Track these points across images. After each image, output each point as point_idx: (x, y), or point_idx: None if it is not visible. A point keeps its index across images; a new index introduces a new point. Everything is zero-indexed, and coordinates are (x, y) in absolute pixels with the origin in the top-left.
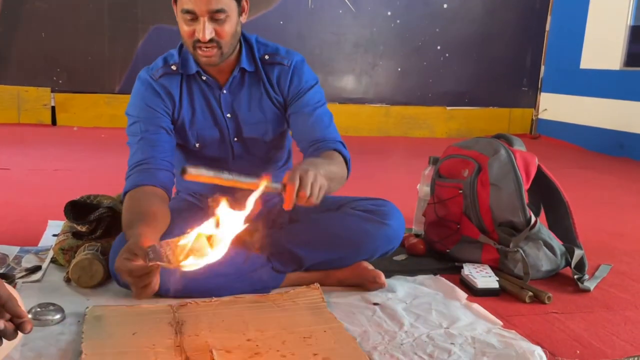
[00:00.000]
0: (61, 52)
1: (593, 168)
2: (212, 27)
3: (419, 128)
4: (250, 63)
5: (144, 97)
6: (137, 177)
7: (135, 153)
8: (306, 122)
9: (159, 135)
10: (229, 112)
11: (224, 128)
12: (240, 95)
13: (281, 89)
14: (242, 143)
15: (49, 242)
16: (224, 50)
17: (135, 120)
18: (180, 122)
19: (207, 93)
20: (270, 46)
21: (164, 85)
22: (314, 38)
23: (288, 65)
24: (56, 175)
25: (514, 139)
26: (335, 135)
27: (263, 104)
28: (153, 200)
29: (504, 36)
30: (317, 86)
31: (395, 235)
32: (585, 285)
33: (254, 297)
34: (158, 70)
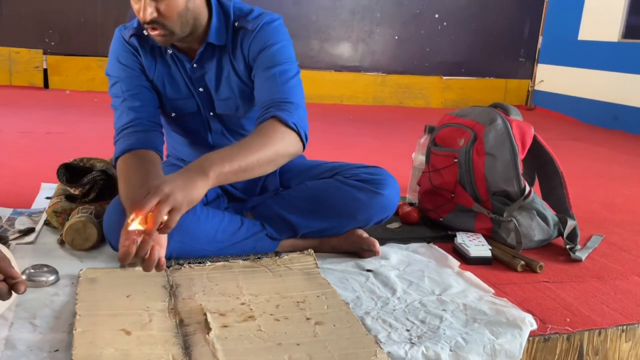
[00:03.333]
0: (53, 13)
1: (587, 140)
2: (154, 5)
3: (414, 98)
4: (220, 35)
5: (119, 55)
6: (126, 141)
7: (120, 115)
8: (259, 84)
9: (141, 94)
10: (200, 87)
11: (198, 102)
12: (209, 69)
13: (244, 54)
14: (217, 118)
15: (42, 204)
16: (174, 30)
17: (116, 81)
18: (154, 86)
19: (178, 64)
20: (243, 10)
21: (135, 46)
22: (310, 4)
23: (252, 30)
24: (49, 138)
25: (511, 108)
26: (289, 95)
27: (230, 80)
28: (148, 167)
29: (502, 6)
30: (281, 45)
31: (390, 204)
32: (576, 255)
33: (248, 262)
34: (130, 30)
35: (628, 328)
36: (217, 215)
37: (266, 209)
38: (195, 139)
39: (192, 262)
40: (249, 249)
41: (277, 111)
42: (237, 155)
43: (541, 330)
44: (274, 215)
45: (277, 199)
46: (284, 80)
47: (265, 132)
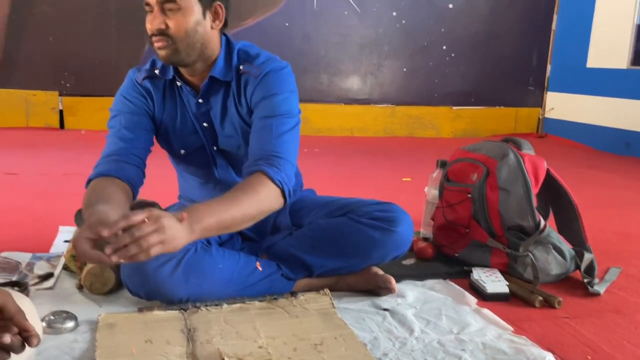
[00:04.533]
0: (69, 55)
1: (600, 167)
2: (163, 19)
3: (425, 128)
4: (227, 73)
5: (126, 94)
6: (105, 167)
7: (109, 145)
8: (255, 131)
9: (135, 131)
10: (205, 122)
11: (202, 137)
12: (214, 105)
13: (247, 98)
14: (221, 153)
15: (60, 248)
16: (178, 46)
17: (116, 114)
18: (163, 127)
19: (185, 100)
20: (250, 55)
21: (147, 88)
22: (319, 39)
23: (256, 75)
24: (65, 179)
25: (523, 142)
26: (279, 149)
27: (234, 120)
28: (118, 190)
29: (509, 35)
30: (284, 96)
31: (404, 241)
32: (595, 289)
33: (264, 303)
34: (143, 72)
35: None
36: (233, 257)
37: (281, 250)
38: (203, 177)
39: (209, 305)
40: (265, 289)
41: (266, 166)
42: (224, 212)
43: None
44: (288, 255)
45: (291, 239)
46: (279, 133)
47: (252, 188)
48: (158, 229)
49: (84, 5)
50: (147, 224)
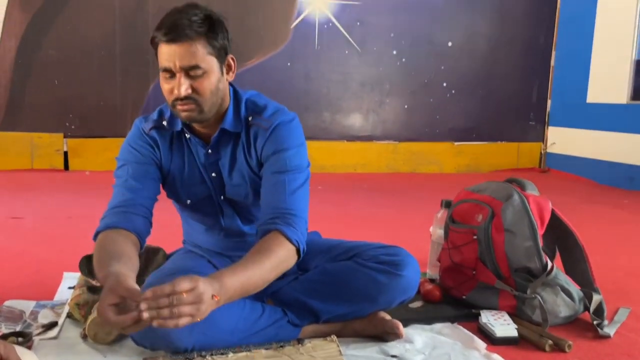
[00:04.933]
0: (73, 98)
1: (605, 202)
2: (189, 83)
3: (428, 164)
4: (236, 124)
5: (134, 143)
6: (112, 219)
7: (117, 194)
8: (267, 186)
9: (143, 181)
10: (213, 172)
11: (210, 187)
12: (224, 156)
13: (257, 151)
14: (228, 202)
15: (64, 295)
16: (204, 107)
17: (123, 164)
18: (171, 178)
19: (193, 151)
20: (258, 106)
21: (154, 138)
22: (321, 78)
23: (266, 128)
24: (70, 222)
25: (526, 182)
26: (293, 206)
27: (242, 170)
28: (127, 242)
29: (509, 72)
30: (295, 150)
31: (411, 285)
32: (605, 331)
33: (270, 351)
34: (150, 122)
35: None
36: (238, 303)
37: (286, 295)
38: (209, 224)
39: (214, 354)
40: (271, 336)
41: (283, 225)
42: (248, 278)
43: None
44: (294, 301)
45: (296, 284)
46: (292, 189)
47: (272, 251)
48: (196, 303)
49: (89, 48)
50: (189, 295)
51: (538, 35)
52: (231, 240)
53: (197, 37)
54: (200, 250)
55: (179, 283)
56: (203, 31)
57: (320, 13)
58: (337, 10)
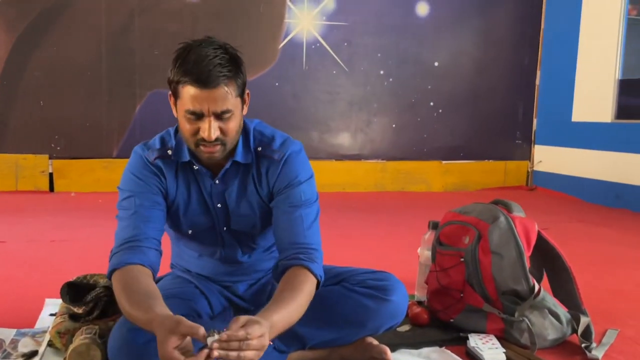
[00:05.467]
0: (59, 119)
1: (591, 220)
2: (217, 126)
3: (415, 182)
4: (246, 155)
5: (138, 173)
6: (127, 255)
7: (126, 227)
8: (285, 220)
9: (153, 211)
10: (219, 203)
11: (214, 217)
12: (231, 186)
13: (269, 182)
14: (231, 233)
15: (45, 322)
16: (227, 147)
17: (130, 195)
18: (174, 207)
19: (199, 181)
20: (265, 136)
21: (159, 167)
22: (308, 97)
23: (278, 160)
24: (53, 246)
25: (512, 204)
26: (312, 241)
27: (252, 199)
28: (149, 280)
29: (495, 91)
30: (308, 182)
31: (399, 310)
32: (593, 354)
33: None
34: (154, 152)
35: None
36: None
37: None
38: (205, 252)
39: None
40: None
41: (307, 261)
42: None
43: None
44: None
45: None
46: (309, 224)
47: (302, 287)
48: (260, 349)
49: (75, 69)
50: (256, 341)
51: (523, 55)
52: (225, 268)
53: (228, 82)
54: (189, 275)
55: (252, 328)
56: (232, 75)
57: (307, 33)
58: (324, 30)
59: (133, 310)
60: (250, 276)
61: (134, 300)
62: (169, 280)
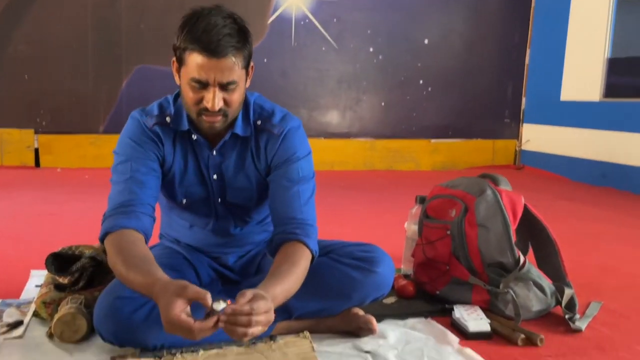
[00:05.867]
0: (44, 93)
1: (577, 199)
2: (222, 96)
3: (404, 161)
4: (245, 128)
5: (137, 137)
6: (121, 219)
7: (121, 192)
8: (282, 195)
9: (148, 177)
10: (215, 174)
11: (209, 189)
12: (229, 158)
13: (267, 156)
14: (225, 205)
15: (31, 293)
16: (229, 118)
17: (126, 159)
18: (170, 176)
19: (197, 151)
20: (265, 110)
21: (157, 134)
22: (297, 75)
23: (278, 134)
24: (39, 220)
25: (500, 178)
26: (308, 217)
27: (249, 172)
28: (145, 246)
29: (484, 70)
30: (306, 159)
31: (385, 282)
32: (576, 325)
33: (242, 348)
34: (152, 118)
35: None
36: None
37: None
38: (198, 223)
39: (184, 351)
40: None
41: (304, 236)
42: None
43: None
44: None
45: None
46: (306, 199)
47: (299, 262)
48: (266, 324)
49: (60, 43)
50: (262, 316)
51: (513, 33)
52: (216, 239)
53: (236, 53)
54: (178, 246)
55: (258, 304)
56: (240, 45)
57: (296, 9)
58: (313, 6)
59: (131, 273)
60: (240, 248)
61: (132, 263)
62: (158, 251)
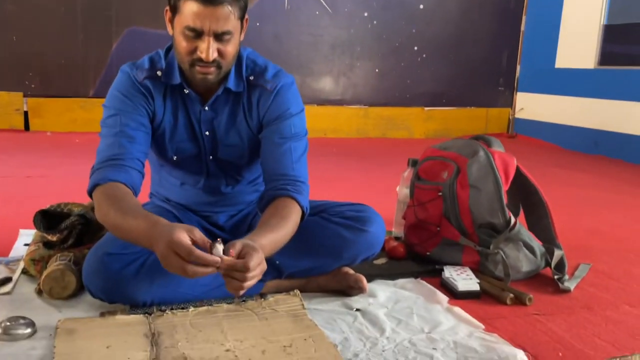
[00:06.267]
0: (33, 55)
1: (569, 167)
2: (216, 47)
3: (397, 129)
4: (238, 83)
5: (127, 92)
6: (110, 172)
7: (110, 145)
8: (274, 152)
9: (138, 132)
10: (207, 130)
11: (201, 145)
12: (221, 114)
13: (259, 113)
14: (217, 162)
15: (20, 252)
16: (223, 70)
17: (115, 113)
18: (160, 131)
19: (188, 106)
20: (258, 65)
21: (148, 88)
22: (290, 39)
23: (270, 90)
24: (28, 182)
25: (492, 139)
26: (299, 173)
27: (240, 129)
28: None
29: (479, 37)
30: (299, 116)
31: (376, 241)
32: (565, 285)
33: (232, 305)
34: (142, 71)
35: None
36: None
37: None
38: (189, 181)
39: (174, 308)
40: None
41: (294, 192)
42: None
43: None
44: None
45: None
46: (298, 156)
47: (289, 216)
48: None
49: (49, 4)
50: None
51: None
52: (207, 198)
53: (232, 2)
54: (169, 205)
55: (251, 259)
56: None
57: None
58: None
59: (128, 219)
60: (231, 207)
61: (127, 209)
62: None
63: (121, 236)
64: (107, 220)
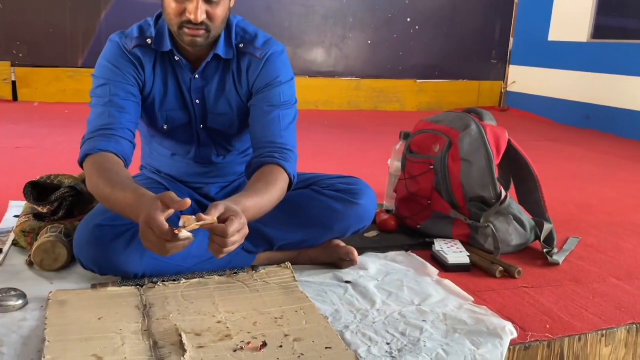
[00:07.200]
0: (21, 24)
1: (560, 140)
2: (205, 9)
3: (389, 101)
4: (227, 50)
5: (116, 61)
6: (101, 142)
7: (100, 115)
8: (262, 120)
9: (128, 101)
10: (197, 98)
11: (191, 113)
12: (211, 82)
13: (249, 80)
14: (207, 132)
15: (10, 223)
16: (212, 34)
17: (105, 83)
18: (150, 100)
19: (178, 74)
20: (248, 33)
21: (137, 56)
22: (282, 10)
23: (260, 58)
24: (17, 153)
25: (485, 113)
26: (288, 141)
27: (230, 97)
28: (124, 169)
29: (472, 9)
30: (288, 84)
31: (367, 214)
32: (554, 259)
33: (224, 277)
34: (132, 40)
35: (608, 332)
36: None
37: None
38: (179, 151)
39: (166, 280)
40: (224, 263)
41: (282, 160)
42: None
43: (521, 338)
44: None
45: None
46: (286, 124)
47: (276, 182)
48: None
49: None
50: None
51: None
52: (198, 168)
53: None
54: (159, 177)
55: (232, 224)
56: None
57: None
58: None
59: (117, 191)
60: (223, 179)
61: (116, 181)
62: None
63: (110, 208)
64: (97, 191)
